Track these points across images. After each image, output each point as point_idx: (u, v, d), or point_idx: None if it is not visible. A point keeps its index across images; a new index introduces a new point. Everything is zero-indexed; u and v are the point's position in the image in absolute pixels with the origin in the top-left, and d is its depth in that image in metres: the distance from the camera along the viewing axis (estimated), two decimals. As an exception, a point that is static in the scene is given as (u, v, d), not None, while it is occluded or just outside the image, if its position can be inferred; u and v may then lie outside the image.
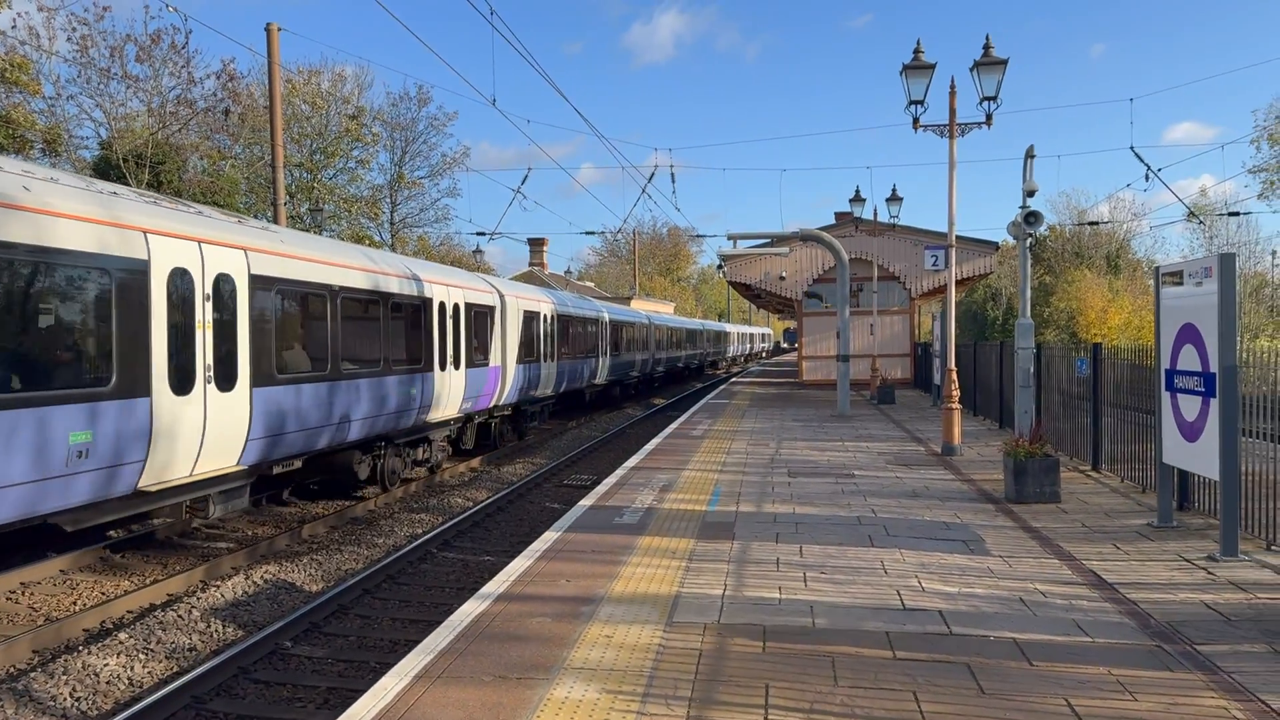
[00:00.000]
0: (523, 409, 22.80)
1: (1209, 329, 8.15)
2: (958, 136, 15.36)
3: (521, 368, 21.73)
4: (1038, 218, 14.05)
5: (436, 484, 17.36)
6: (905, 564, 7.96)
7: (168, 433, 9.87)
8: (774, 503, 10.82)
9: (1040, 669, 5.46)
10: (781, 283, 33.10)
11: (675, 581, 7.39)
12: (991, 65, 14.72)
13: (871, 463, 14.19)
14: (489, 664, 5.58)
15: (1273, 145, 50.26)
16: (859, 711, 4.88)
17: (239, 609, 9.55)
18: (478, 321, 19.04)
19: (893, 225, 30.83)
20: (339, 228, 44.80)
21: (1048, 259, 69.61)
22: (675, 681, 5.29)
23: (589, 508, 10.56)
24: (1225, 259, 8.02)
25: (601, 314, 30.95)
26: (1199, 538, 8.82)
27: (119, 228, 9.41)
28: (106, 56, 33.53)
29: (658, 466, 13.79)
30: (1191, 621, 6.31)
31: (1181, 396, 8.80)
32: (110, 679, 7.58)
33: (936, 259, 29.79)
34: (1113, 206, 69.67)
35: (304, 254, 12.89)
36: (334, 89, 46.65)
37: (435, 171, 53.01)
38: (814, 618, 6.46)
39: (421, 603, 9.90)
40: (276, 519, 13.90)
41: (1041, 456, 10.90)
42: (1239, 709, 4.88)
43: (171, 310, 10.05)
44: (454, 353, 17.52)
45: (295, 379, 12.33)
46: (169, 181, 32.37)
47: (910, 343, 33.20)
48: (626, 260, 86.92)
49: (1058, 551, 8.40)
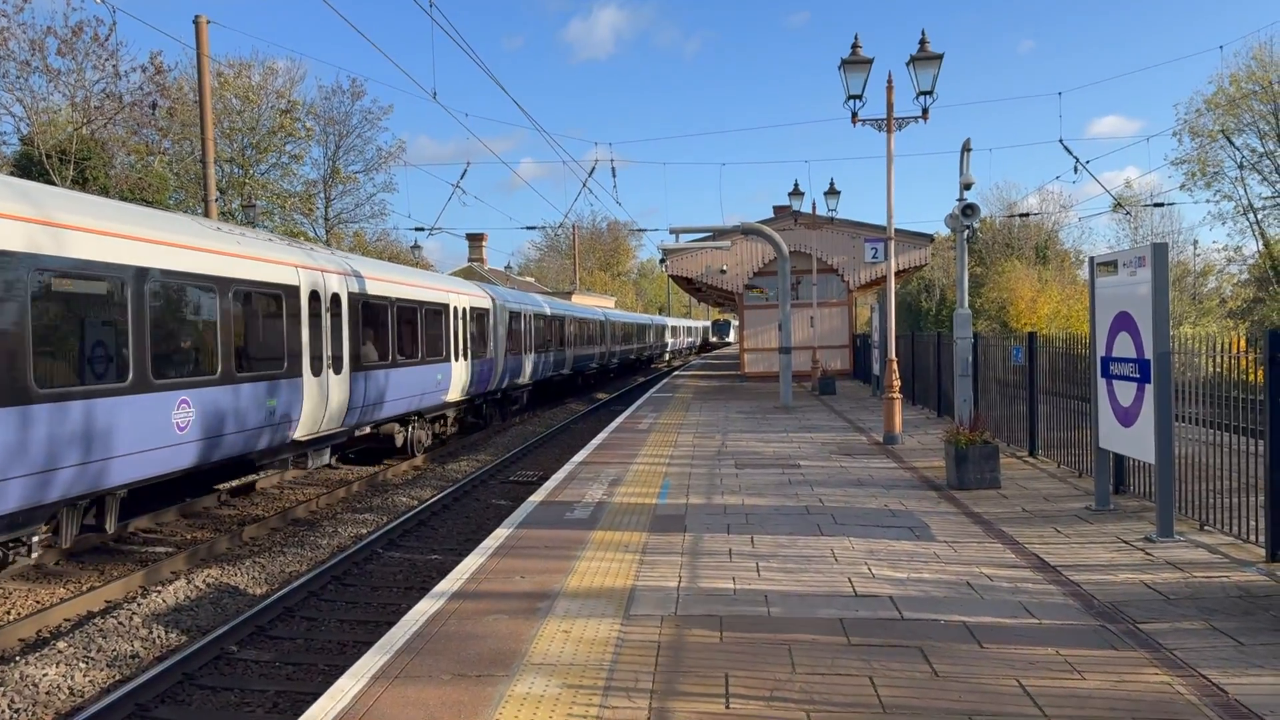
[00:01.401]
0: (509, 394, 26.85)
1: (1143, 316, 8.39)
2: (895, 131, 15.58)
3: (509, 359, 25.97)
4: (975, 210, 14.31)
5: (379, 483, 17.15)
6: (854, 552, 8.08)
7: (310, 401, 14.26)
8: (723, 495, 10.89)
9: (990, 651, 5.58)
10: (723, 276, 33.28)
11: (630, 575, 7.40)
12: (927, 60, 14.94)
13: (816, 453, 14.35)
14: (447, 662, 5.53)
15: (1194, 138, 51.90)
16: (817, 697, 4.94)
17: (181, 614, 9.33)
18: (478, 322, 23.11)
19: (831, 219, 31.15)
20: (272, 224, 43.93)
21: (979, 250, 70.95)
22: (636, 674, 5.30)
23: (539, 503, 10.52)
24: (1158, 248, 8.26)
25: (568, 314, 36.15)
26: (1135, 519, 9.09)
27: (288, 265, 13.96)
28: (26, 49, 32.42)
29: (606, 461, 13.79)
30: (1133, 601, 6.51)
31: (1117, 383, 9.05)
32: (50, 689, 7.36)
33: (876, 251, 30.25)
34: (1042, 198, 71.30)
35: (375, 275, 17.32)
36: (265, 83, 45.72)
37: (370, 166, 52.24)
38: (769, 607, 6.53)
39: (369, 604, 9.78)
40: (215, 521, 13.62)
41: (981, 444, 11.13)
42: (1181, 683, 5.04)
43: (310, 319, 14.36)
44: (463, 347, 21.48)
45: (373, 367, 16.60)
46: (95, 178, 31.42)
47: (849, 334, 33.61)
48: (567, 255, 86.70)
49: (1001, 536, 8.59)
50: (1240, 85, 48.82)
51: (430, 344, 19.46)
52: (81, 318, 9.77)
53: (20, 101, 33.44)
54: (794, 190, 29.59)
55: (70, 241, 9.44)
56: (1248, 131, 50.23)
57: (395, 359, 17.54)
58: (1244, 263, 57.93)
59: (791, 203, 31.36)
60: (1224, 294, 62.51)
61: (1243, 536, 7.94)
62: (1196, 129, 51.24)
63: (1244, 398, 7.92)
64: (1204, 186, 52.83)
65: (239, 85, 43.65)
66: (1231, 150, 50.80)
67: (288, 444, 14.01)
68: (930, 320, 74.47)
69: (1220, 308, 60.08)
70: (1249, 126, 50.05)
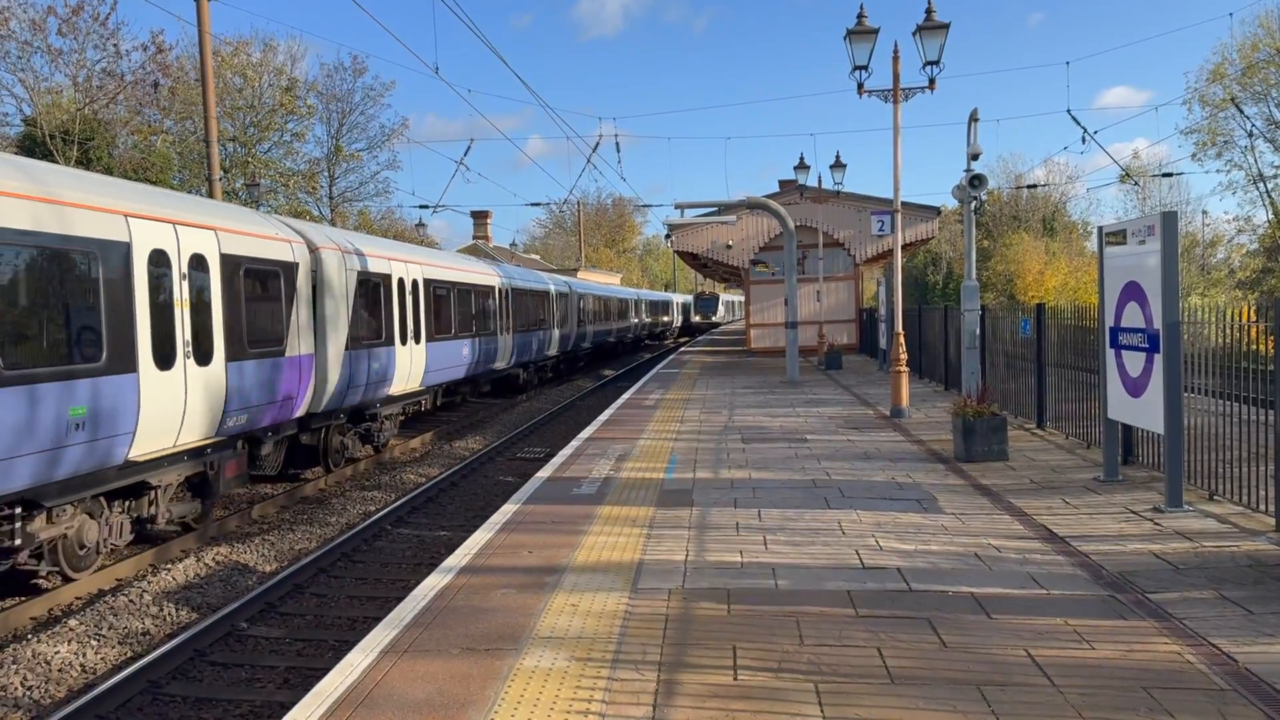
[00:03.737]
0: (540, 364, 30.53)
1: (1152, 287, 8.33)
2: (901, 101, 15.45)
3: (557, 332, 31.37)
4: (982, 181, 14.21)
5: (387, 461, 17.19)
6: (862, 524, 8.07)
7: (399, 365, 17.03)
8: (730, 469, 10.89)
9: (999, 621, 5.58)
10: (728, 251, 33.14)
11: (637, 549, 7.41)
12: (934, 30, 14.80)
13: (823, 427, 14.33)
14: (456, 636, 5.54)
15: (1204, 107, 51.42)
16: (825, 668, 4.94)
17: (192, 592, 9.39)
18: (532, 299, 28.34)
19: (837, 192, 30.98)
20: (276, 203, 43.86)
21: (986, 223, 70.55)
22: (644, 647, 5.31)
23: (546, 479, 10.53)
24: (1168, 218, 8.18)
25: (589, 291, 39.46)
26: (1144, 490, 9.06)
27: (392, 260, 17.31)
28: (27, 29, 32.30)
29: (613, 437, 13.79)
30: (1142, 571, 6.49)
31: (1126, 353, 9.00)
32: (62, 667, 7.42)
33: (883, 224, 30.08)
34: (1049, 170, 70.74)
35: (438, 264, 20.68)
36: (265, 60, 45.51)
37: (374, 144, 52.07)
38: (776, 579, 6.52)
39: (379, 579, 9.82)
40: (225, 500, 13.66)
41: (989, 416, 11.10)
42: (1191, 653, 5.03)
43: (400, 300, 17.25)
44: (509, 323, 25.68)
45: (442, 339, 19.68)
46: (98, 159, 31.36)
47: (856, 308, 33.49)
48: (571, 232, 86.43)
49: (1009, 508, 8.58)
50: (1247, 55, 48.27)
51: (483, 321, 23.65)
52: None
53: (22, 82, 33.37)
54: (799, 164, 29.50)
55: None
56: (1260, 100, 49.75)
57: (459, 333, 21.48)
58: (1254, 233, 57.60)
59: (797, 177, 31.23)
60: (1233, 265, 62.18)
61: (1252, 506, 7.91)
62: (1207, 98, 50.77)
63: (1253, 368, 7.88)
64: (1214, 156, 52.40)
65: (237, 63, 43.43)
66: (1242, 119, 50.38)
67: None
68: (937, 294, 74.22)
69: (1229, 279, 59.78)
70: (1260, 96, 49.57)
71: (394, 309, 16.91)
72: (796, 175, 30.83)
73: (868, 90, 15.66)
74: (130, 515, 10.12)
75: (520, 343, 27.09)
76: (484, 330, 23.38)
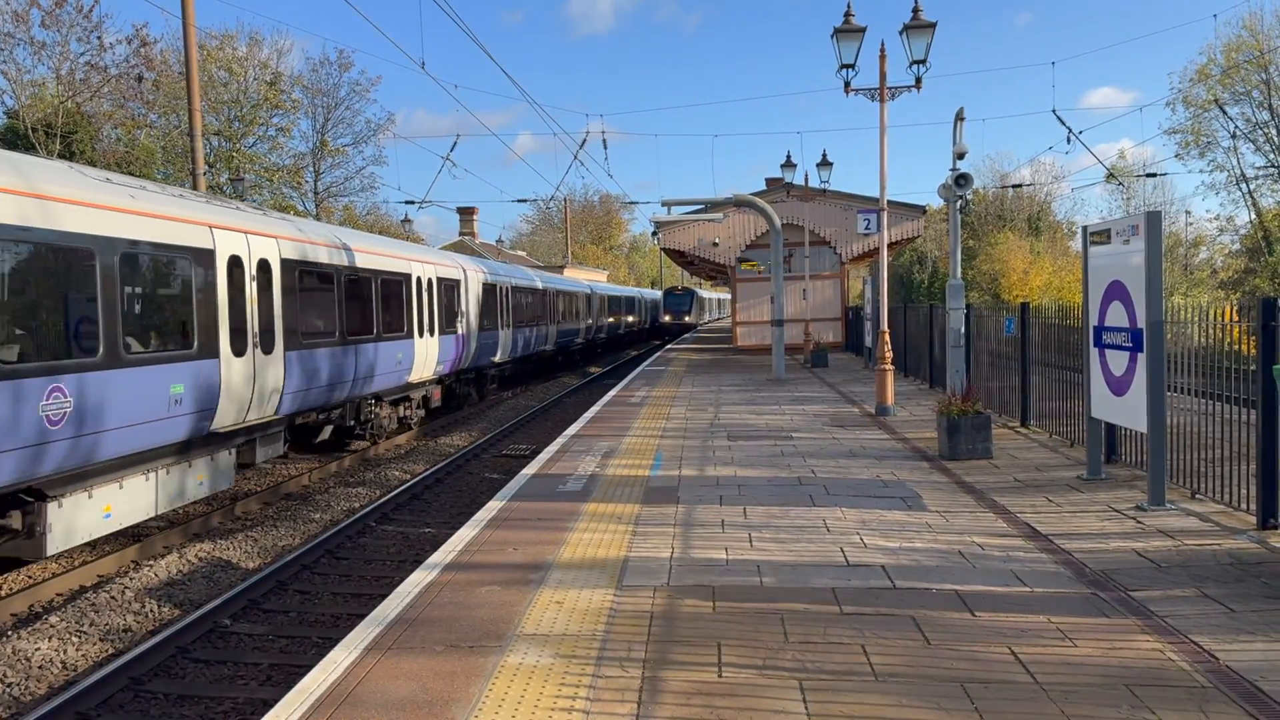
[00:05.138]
0: (532, 358, 31.64)
1: (1136, 286, 8.37)
2: (888, 100, 15.48)
3: (553, 327, 33.11)
4: (968, 180, 14.24)
5: (371, 457, 17.13)
6: (846, 522, 8.09)
7: (418, 356, 18.83)
8: (716, 466, 10.89)
9: (983, 619, 5.60)
10: (715, 249, 33.16)
11: (623, 546, 7.40)
12: (920, 29, 14.83)
13: (809, 425, 14.36)
14: (440, 633, 5.53)
15: (1188, 108, 51.78)
16: (810, 666, 4.95)
17: (174, 588, 9.33)
18: (530, 296, 29.92)
19: (823, 190, 31.03)
20: (261, 197, 43.59)
21: (971, 222, 70.83)
22: (628, 644, 5.30)
23: (532, 476, 10.51)
24: (1152, 217, 8.22)
25: (580, 289, 39.85)
26: (1127, 488, 9.11)
27: (411, 261, 19.08)
28: (10, 21, 32.00)
29: (598, 434, 13.78)
30: (1124, 569, 6.53)
31: (1109, 352, 9.04)
32: (43, 663, 7.36)
33: (869, 222, 30.14)
34: (1034, 170, 71.08)
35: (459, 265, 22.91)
36: (251, 55, 45.21)
37: (360, 139, 51.80)
38: (761, 577, 6.53)
39: (363, 576, 9.79)
40: (207, 496, 13.57)
41: (974, 414, 11.14)
42: (1173, 650, 5.06)
43: (418, 298, 19.04)
44: (505, 320, 26.48)
45: (449, 332, 21.18)
46: (82, 152, 31.10)
47: (841, 306, 33.56)
48: (559, 229, 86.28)
49: (992, 505, 8.61)
50: (1230, 56, 48.62)
51: (486, 317, 25.11)
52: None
53: (4, 74, 33.08)
54: (786, 162, 29.48)
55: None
56: (1241, 101, 50.13)
57: (470, 329, 23.28)
58: (1236, 233, 58.05)
59: (784, 175, 31.22)
60: (1215, 265, 62.61)
61: (1233, 504, 7.97)
62: (1190, 98, 51.12)
63: (1235, 367, 7.93)
64: (1198, 156, 52.83)
65: (223, 57, 43.14)
66: (1225, 120, 50.73)
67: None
68: (923, 292, 74.48)
69: (1212, 279, 60.19)
70: (1242, 97, 49.94)
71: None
72: (783, 173, 30.83)
73: (855, 89, 15.69)
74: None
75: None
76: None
